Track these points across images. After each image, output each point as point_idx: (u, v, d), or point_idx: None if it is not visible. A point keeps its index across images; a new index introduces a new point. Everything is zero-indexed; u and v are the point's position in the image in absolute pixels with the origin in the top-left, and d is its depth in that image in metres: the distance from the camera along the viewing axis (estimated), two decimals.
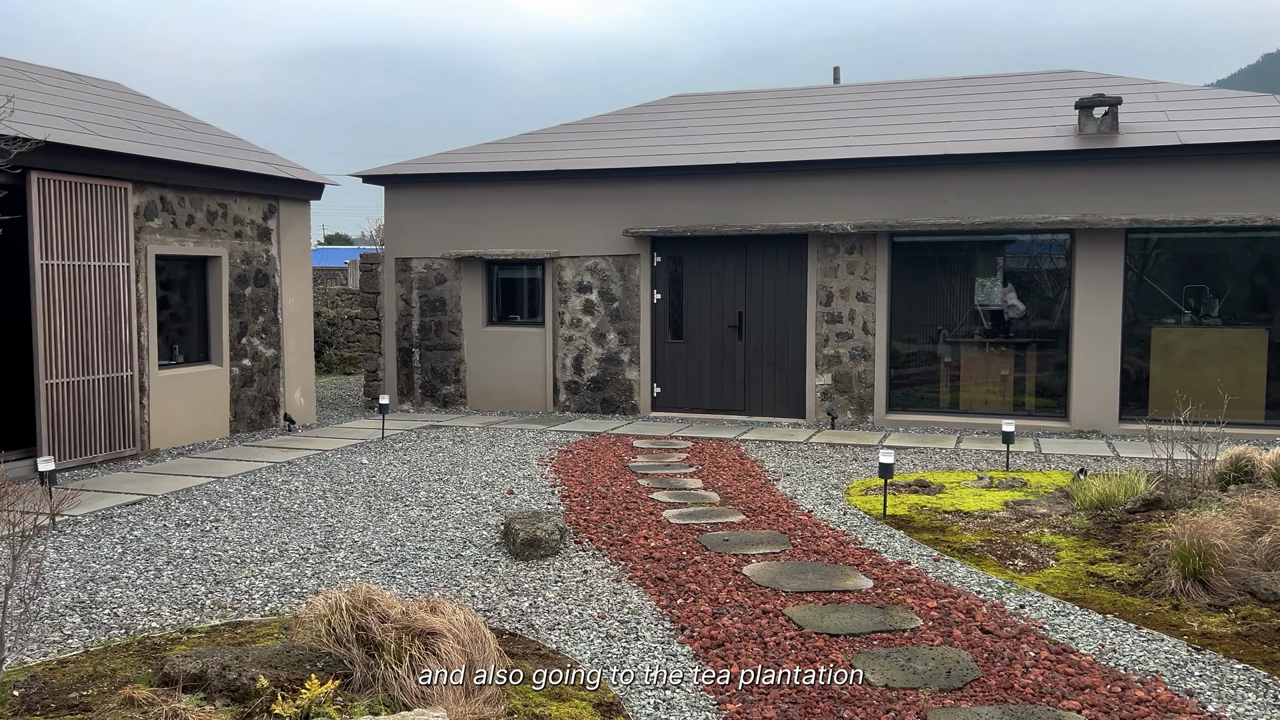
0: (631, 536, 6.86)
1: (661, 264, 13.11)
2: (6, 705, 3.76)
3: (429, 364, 14.01)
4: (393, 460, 9.94)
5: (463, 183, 13.76)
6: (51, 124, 9.18)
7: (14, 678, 4.14)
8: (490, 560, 6.39)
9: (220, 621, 5.21)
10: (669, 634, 5.04)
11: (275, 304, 12.28)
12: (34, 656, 4.70)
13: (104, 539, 6.89)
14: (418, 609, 3.95)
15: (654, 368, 13.17)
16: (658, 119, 15.14)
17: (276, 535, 7.00)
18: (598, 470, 9.28)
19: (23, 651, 4.70)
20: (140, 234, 10.25)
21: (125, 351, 10.01)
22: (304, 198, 12.72)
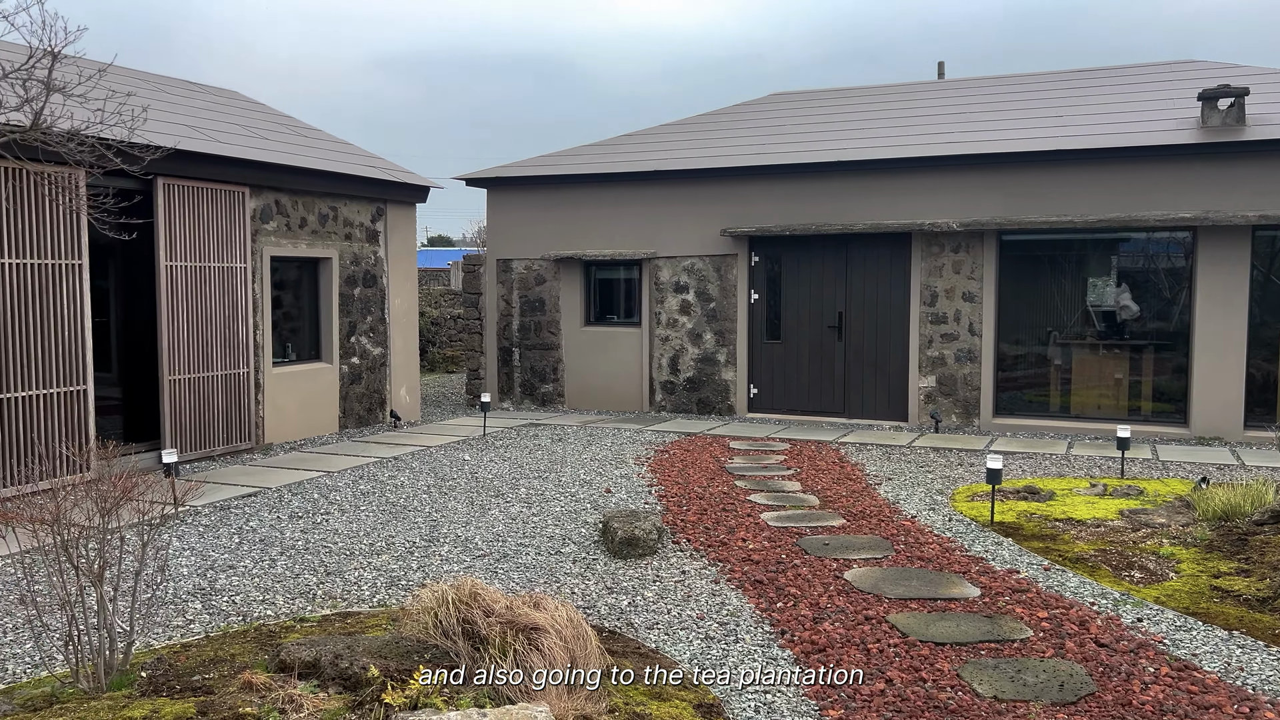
0: (729, 538, 6.82)
1: (759, 264, 13.01)
2: (135, 686, 3.96)
3: (528, 363, 14.21)
4: (494, 457, 10.11)
5: (561, 184, 13.92)
6: (177, 132, 9.63)
7: (141, 659, 4.36)
8: (589, 558, 6.44)
9: (331, 611, 5.38)
10: (769, 637, 4.99)
11: (383, 304, 12.64)
12: (159, 640, 4.93)
13: (222, 529, 7.19)
14: (521, 604, 4.00)
15: (751, 368, 13.09)
16: (755, 118, 15.04)
17: (383, 529, 7.20)
18: (694, 471, 9.27)
19: (149, 635, 4.94)
20: (256, 236, 10.67)
21: (242, 349, 10.44)
22: (410, 200, 13.05)
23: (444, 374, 20.12)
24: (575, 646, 3.90)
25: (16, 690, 4.12)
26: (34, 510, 3.88)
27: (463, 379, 18.38)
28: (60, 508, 3.87)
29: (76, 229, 8.58)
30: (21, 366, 8.19)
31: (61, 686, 3.96)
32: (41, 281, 8.33)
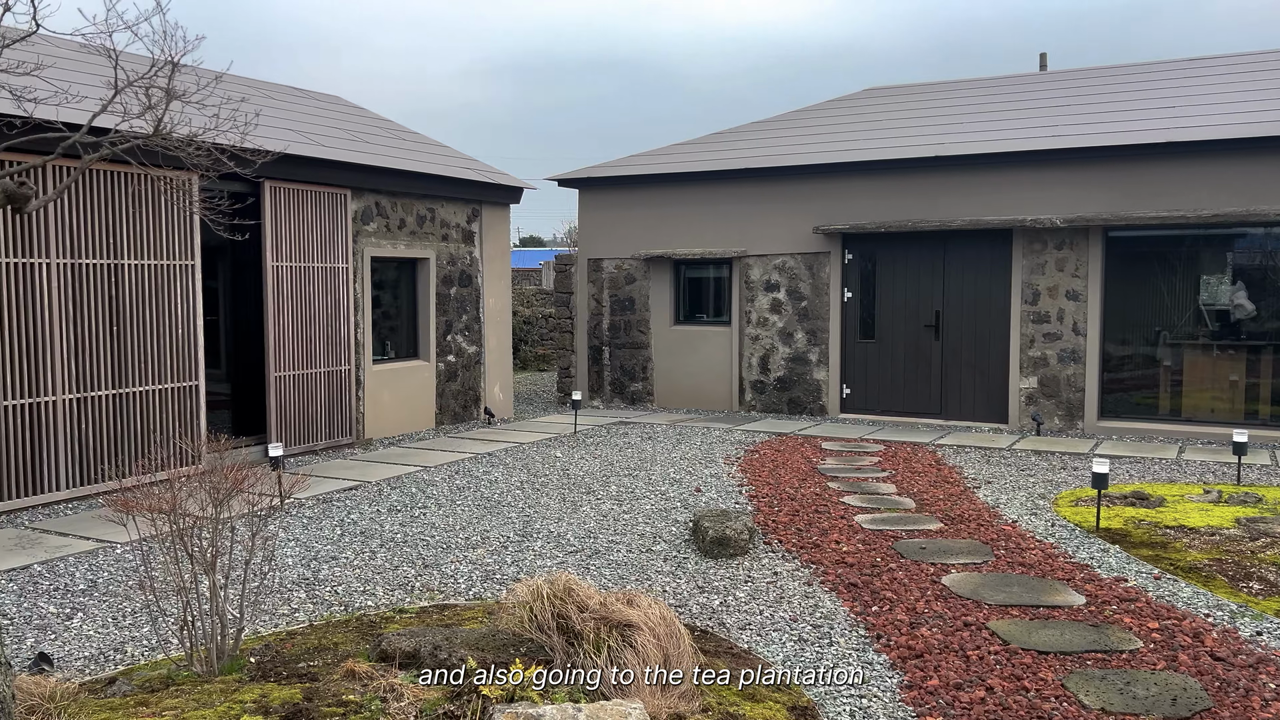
0: (822, 540, 6.74)
1: (852, 261, 12.82)
2: (245, 671, 4.11)
3: (618, 362, 14.29)
4: (584, 455, 10.20)
5: (652, 184, 13.94)
6: (284, 136, 9.97)
7: (250, 646, 4.52)
8: (680, 556, 6.44)
9: (429, 603, 5.49)
10: (864, 641, 4.91)
11: (477, 303, 12.87)
12: (266, 627, 5.11)
13: (325, 521, 7.42)
14: (615, 601, 4.02)
15: (843, 368, 12.90)
16: (849, 113, 14.81)
17: (478, 523, 7.33)
18: (785, 471, 9.18)
19: (256, 622, 5.12)
20: (357, 237, 10.98)
21: (344, 347, 10.76)
22: (504, 201, 13.26)
23: (536, 372, 20.38)
24: (668, 644, 3.90)
25: (135, 671, 4.32)
26: (152, 500, 4.06)
27: (554, 377, 18.59)
28: (176, 498, 4.05)
29: (190, 231, 8.97)
30: (141, 362, 8.59)
31: (176, 669, 4.13)
32: (158, 281, 8.72)
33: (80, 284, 8.10)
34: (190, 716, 3.41)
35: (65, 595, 5.68)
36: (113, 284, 8.35)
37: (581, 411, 13.52)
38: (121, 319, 8.43)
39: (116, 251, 8.37)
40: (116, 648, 4.88)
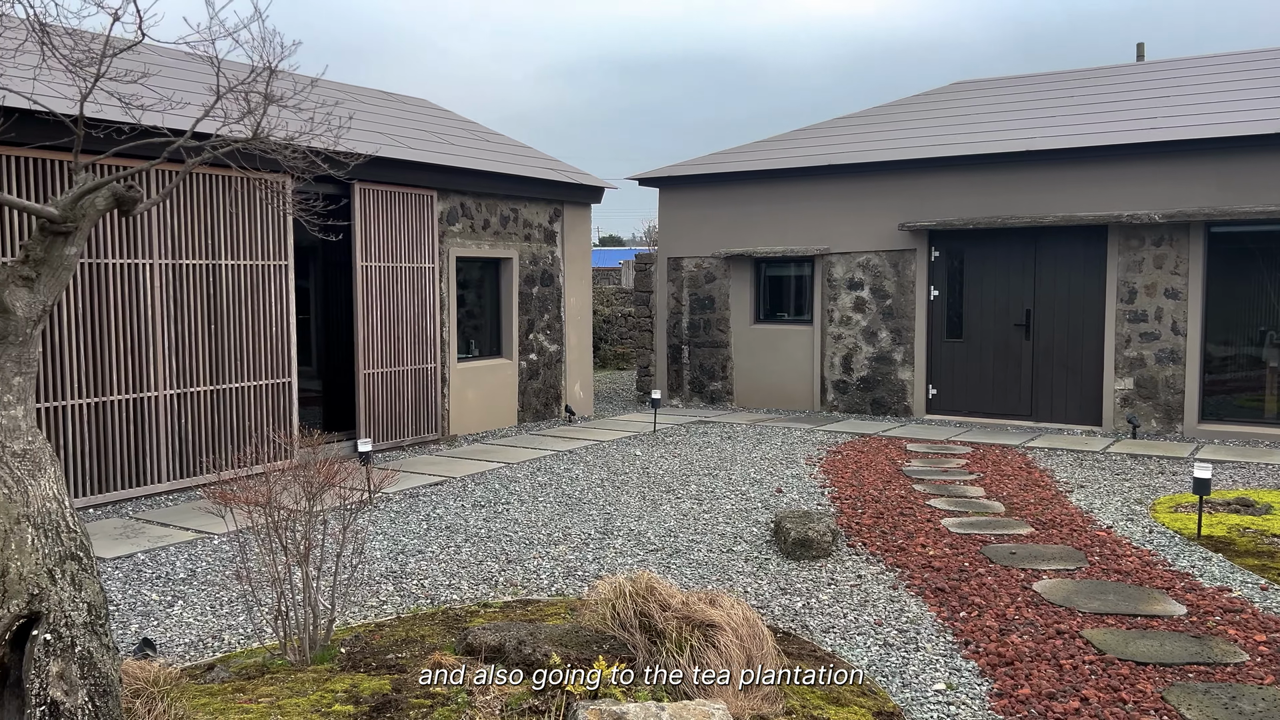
0: (908, 543, 6.61)
1: (939, 259, 12.55)
2: (335, 661, 4.21)
3: (697, 361, 14.25)
4: (664, 453, 10.20)
5: (732, 182, 13.87)
6: (374, 139, 10.21)
7: (341, 637, 4.64)
8: (761, 557, 6.39)
9: (512, 598, 5.56)
10: (951, 647, 4.80)
11: (559, 302, 12.98)
12: (355, 618, 5.24)
13: (411, 515, 7.57)
14: (697, 600, 4.01)
15: (929, 368, 12.64)
16: (936, 108, 14.51)
17: (560, 520, 7.39)
18: (869, 473, 9.04)
19: (346, 614, 5.25)
20: (443, 238, 11.18)
21: (429, 345, 10.97)
22: (585, 201, 13.34)
23: (615, 370, 20.47)
24: (751, 645, 3.88)
25: (232, 659, 4.47)
26: (249, 493, 4.19)
27: (633, 376, 18.65)
28: (271, 492, 4.17)
29: (283, 232, 9.25)
30: (236, 359, 8.89)
31: (271, 658, 4.26)
32: (253, 281, 9.02)
33: (181, 284, 8.42)
34: (285, 704, 3.51)
35: (167, 583, 5.91)
36: (211, 284, 8.66)
37: (660, 410, 13.53)
38: (219, 317, 8.74)
39: (214, 252, 8.67)
40: (214, 635, 5.06)
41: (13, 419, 2.95)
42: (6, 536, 2.81)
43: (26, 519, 2.87)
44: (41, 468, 2.97)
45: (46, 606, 2.80)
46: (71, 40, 3.63)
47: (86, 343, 7.77)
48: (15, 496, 2.87)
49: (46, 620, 2.79)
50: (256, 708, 3.48)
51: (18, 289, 2.87)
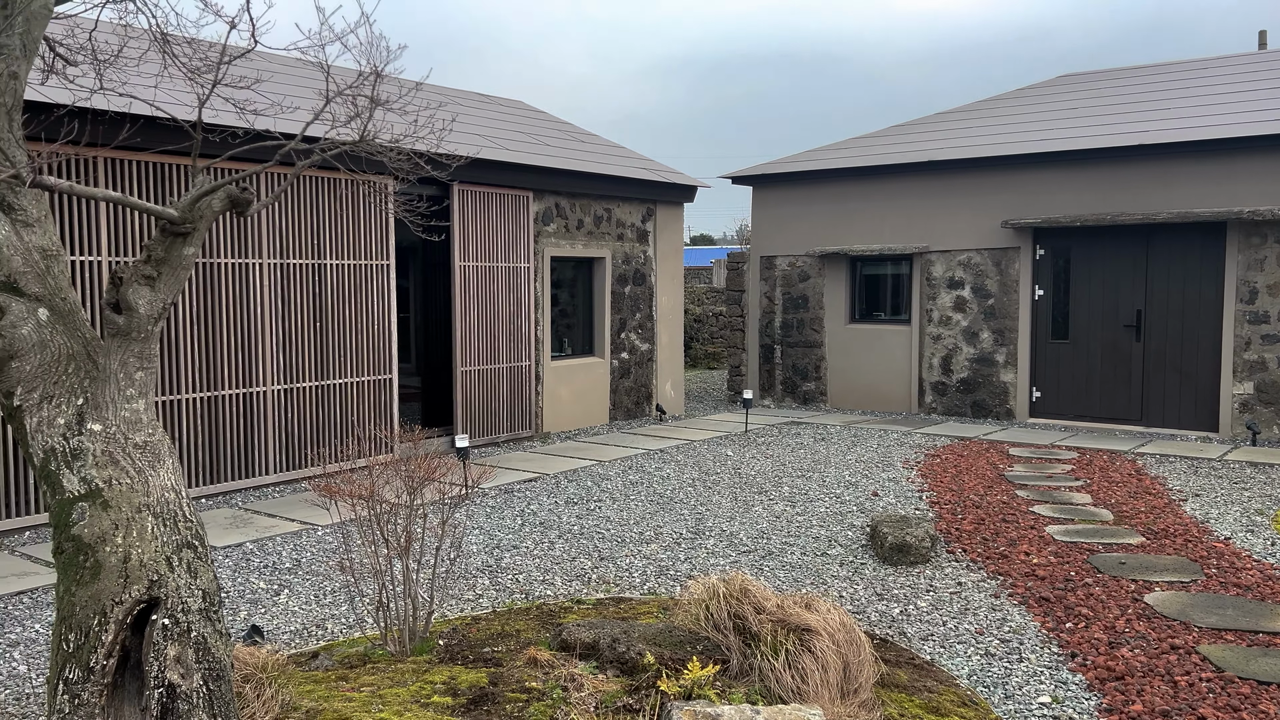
0: (1010, 550, 6.41)
1: (1044, 257, 12.15)
2: (434, 652, 4.29)
3: (790, 360, 14.10)
4: (756, 454, 10.12)
5: (827, 179, 13.68)
6: (473, 141, 10.40)
7: (439, 629, 4.72)
8: (856, 562, 6.28)
9: (604, 595, 5.58)
10: (1057, 659, 4.63)
11: (650, 301, 13.01)
12: (452, 611, 5.33)
13: (506, 511, 7.68)
14: (792, 603, 3.95)
15: (1033, 370, 12.25)
16: (1040, 101, 14.04)
17: (651, 518, 7.40)
18: (969, 477, 8.80)
19: (444, 606, 5.35)
20: (538, 238, 11.31)
21: (524, 343, 11.11)
22: (678, 200, 13.34)
23: (705, 370, 20.42)
24: (848, 651, 3.81)
25: (335, 647, 4.59)
26: (352, 486, 4.30)
27: (724, 375, 18.56)
28: (374, 485, 4.27)
29: (385, 232, 9.49)
30: (340, 356, 9.16)
31: (372, 647, 4.37)
32: (356, 280, 9.28)
33: (288, 282, 8.71)
34: (386, 694, 3.59)
35: (274, 572, 6.12)
36: (316, 282, 8.94)
37: (752, 410, 13.43)
38: (323, 315, 9.01)
39: (320, 252, 8.95)
40: (318, 624, 5.21)
41: (135, 412, 3.08)
42: (128, 525, 2.94)
43: (146, 508, 2.99)
44: (161, 459, 3.10)
45: (164, 593, 2.92)
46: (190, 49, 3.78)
47: (200, 339, 8.11)
48: (136, 486, 3.00)
49: (164, 606, 2.91)
50: (359, 696, 3.57)
51: (140, 287, 3.01)
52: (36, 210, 3.23)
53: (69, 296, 3.18)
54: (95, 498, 2.94)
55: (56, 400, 3.01)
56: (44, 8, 3.29)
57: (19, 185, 2.88)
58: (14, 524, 7.00)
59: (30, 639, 4.97)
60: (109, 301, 3.05)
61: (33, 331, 3.00)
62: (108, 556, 2.89)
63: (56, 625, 2.89)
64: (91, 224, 7.34)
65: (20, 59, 3.22)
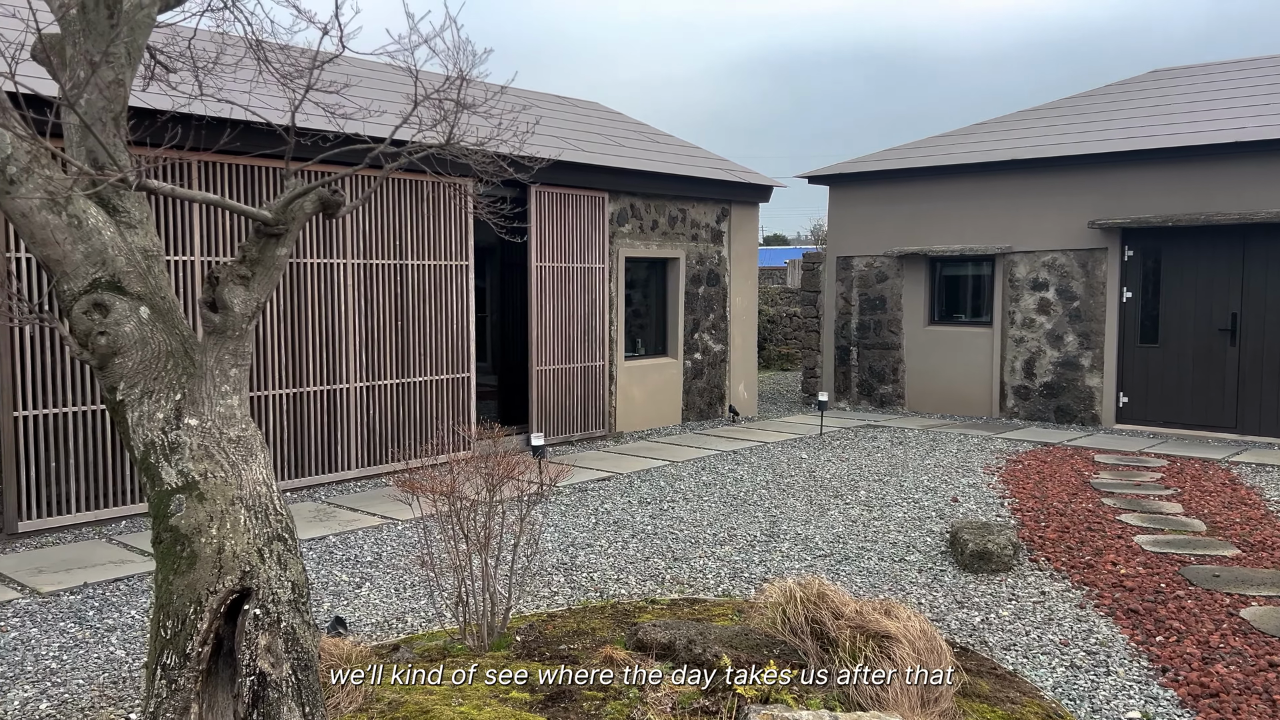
0: (1096, 560, 6.23)
1: (1133, 258, 11.77)
2: (511, 648, 4.35)
3: (866, 363, 13.92)
4: (831, 457, 10.01)
5: (906, 178, 13.46)
6: (551, 143, 10.49)
7: (515, 625, 4.78)
8: (935, 569, 6.17)
9: (678, 596, 5.58)
10: (1147, 673, 4.48)
11: (724, 302, 12.97)
12: (528, 608, 5.39)
13: (580, 509, 7.73)
14: (871, 609, 3.90)
15: (1120, 374, 11.88)
16: (1130, 98, 13.61)
17: (725, 520, 7.37)
18: (1053, 484, 8.57)
19: (520, 603, 5.41)
20: (613, 239, 11.37)
21: (598, 343, 11.18)
22: (753, 200, 13.27)
23: (779, 371, 20.27)
24: (928, 659, 3.74)
25: (415, 641, 4.68)
26: (433, 482, 4.38)
27: (798, 377, 18.40)
28: (455, 481, 4.34)
29: (464, 233, 9.64)
30: (420, 354, 9.34)
31: (451, 642, 4.44)
32: (436, 280, 9.44)
33: (371, 282, 8.91)
34: (465, 688, 3.64)
35: (356, 566, 6.26)
36: (398, 282, 9.12)
37: (827, 413, 13.29)
38: (404, 315, 9.19)
39: (401, 252, 9.13)
40: (398, 617, 5.32)
41: (229, 407, 3.18)
42: (222, 517, 3.04)
43: (239, 501, 3.09)
44: (253, 453, 3.19)
45: (256, 583, 3.01)
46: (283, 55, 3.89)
47: (286, 337, 8.34)
48: (230, 479, 3.10)
49: (256, 596, 3.00)
50: (439, 689, 3.63)
51: (235, 287, 3.10)
52: (139, 212, 3.36)
53: (168, 295, 3.30)
54: (192, 490, 3.05)
55: (156, 395, 3.13)
56: (147, 16, 3.42)
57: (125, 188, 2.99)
58: (111, 513, 7.29)
59: (127, 624, 5.17)
60: (205, 300, 3.15)
61: (135, 329, 3.12)
62: (203, 547, 2.99)
63: (155, 612, 3.00)
64: (185, 225, 7.61)
65: (125, 66, 3.36)
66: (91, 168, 3.03)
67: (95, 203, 3.19)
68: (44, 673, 4.54)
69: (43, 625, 5.14)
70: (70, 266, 3.11)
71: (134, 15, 3.35)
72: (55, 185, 3.02)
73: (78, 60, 3.28)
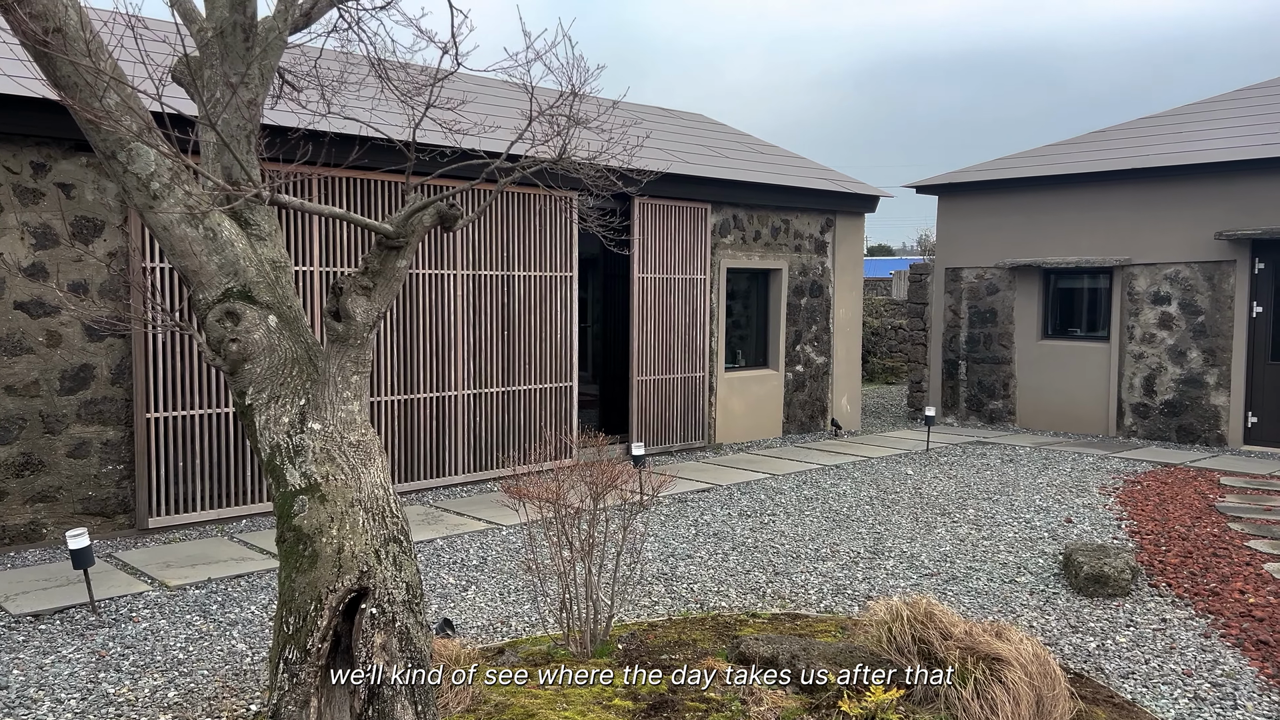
0: (1222, 588, 5.93)
1: (1264, 271, 11.17)
2: (613, 656, 4.38)
3: (975, 377, 13.55)
4: (937, 474, 9.78)
5: (1019, 188, 13.08)
6: (657, 155, 10.57)
7: (617, 633, 4.82)
8: (1048, 591, 5.97)
9: (780, 611, 5.54)
10: (1277, 708, 4.24)
11: (827, 314, 12.82)
12: (630, 616, 5.42)
13: (680, 520, 7.74)
14: (981, 631, 3.80)
15: (1248, 393, 11.28)
16: (1260, 103, 12.94)
17: (827, 535, 7.28)
18: (1174, 506, 8.19)
19: (622, 611, 5.45)
20: (715, 250, 11.37)
21: (699, 354, 11.19)
22: (858, 211, 13.09)
23: (883, 385, 19.90)
24: (1041, 684, 3.63)
25: (519, 645, 4.77)
26: (540, 489, 4.46)
27: (902, 390, 18.04)
28: (560, 488, 4.41)
29: (569, 244, 9.79)
30: (525, 363, 9.51)
31: (554, 647, 4.50)
32: (541, 291, 9.61)
33: (479, 293, 9.12)
34: (569, 692, 3.69)
35: (462, 569, 6.41)
36: (505, 293, 9.32)
37: (934, 428, 12.98)
38: (510, 324, 9.38)
39: (509, 264, 9.32)
40: (503, 620, 5.42)
41: (350, 413, 3.31)
42: (342, 518, 3.16)
43: (359, 503, 3.21)
44: (371, 457, 3.31)
45: (373, 583, 3.11)
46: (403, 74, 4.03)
47: (398, 346, 8.60)
48: (350, 482, 3.22)
49: (373, 595, 3.11)
50: (544, 693, 3.69)
51: (358, 297, 3.23)
52: (269, 225, 3.54)
53: (294, 305, 3.45)
54: (314, 491, 3.18)
55: (282, 400, 3.27)
56: (279, 38, 3.60)
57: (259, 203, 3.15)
58: (233, 512, 7.64)
59: (247, 619, 5.40)
60: (329, 310, 3.29)
61: (263, 337, 3.28)
62: (324, 547, 3.11)
63: (278, 609, 3.13)
64: (305, 237, 7.93)
65: (259, 87, 3.54)
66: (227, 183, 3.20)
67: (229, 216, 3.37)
68: (172, 663, 4.78)
69: (170, 617, 5.42)
70: (206, 277, 3.28)
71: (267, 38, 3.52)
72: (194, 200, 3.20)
73: (215, 81, 3.47)
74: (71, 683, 4.52)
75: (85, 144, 6.60)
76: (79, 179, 6.97)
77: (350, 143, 5.64)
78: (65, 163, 6.91)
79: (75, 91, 3.08)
